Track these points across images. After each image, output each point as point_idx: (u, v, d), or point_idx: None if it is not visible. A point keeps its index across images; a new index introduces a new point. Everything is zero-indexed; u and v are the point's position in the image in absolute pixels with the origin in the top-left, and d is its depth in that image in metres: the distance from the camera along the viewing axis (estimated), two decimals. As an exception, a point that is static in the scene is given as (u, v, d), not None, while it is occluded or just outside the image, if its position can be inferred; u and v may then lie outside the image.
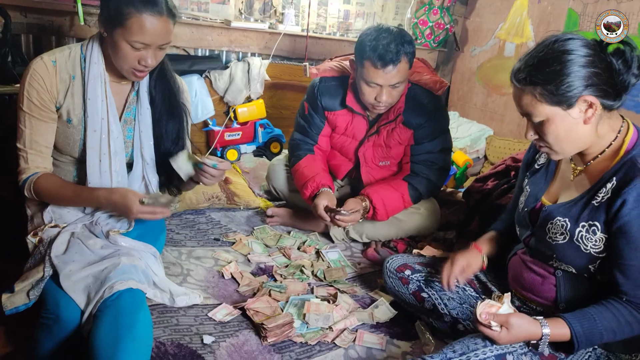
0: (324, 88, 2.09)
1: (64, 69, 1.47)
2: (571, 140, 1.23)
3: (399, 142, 2.07)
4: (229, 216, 2.27)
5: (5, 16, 2.04)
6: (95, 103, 1.48)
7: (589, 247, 1.23)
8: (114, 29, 1.39)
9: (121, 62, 1.44)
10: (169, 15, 1.42)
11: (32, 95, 1.43)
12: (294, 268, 1.86)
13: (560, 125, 1.21)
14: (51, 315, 1.27)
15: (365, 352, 1.48)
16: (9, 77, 2.04)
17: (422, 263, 1.64)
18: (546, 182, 1.41)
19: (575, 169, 1.33)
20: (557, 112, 1.19)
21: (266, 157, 2.99)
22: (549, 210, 1.32)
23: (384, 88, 1.87)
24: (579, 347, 1.19)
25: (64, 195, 1.49)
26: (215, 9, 2.90)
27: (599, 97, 1.17)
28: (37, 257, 1.42)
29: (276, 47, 3.00)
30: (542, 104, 1.20)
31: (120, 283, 1.29)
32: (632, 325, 1.18)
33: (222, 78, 2.89)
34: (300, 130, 2.20)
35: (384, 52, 1.79)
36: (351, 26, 3.42)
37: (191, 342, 1.40)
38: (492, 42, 3.50)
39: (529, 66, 1.20)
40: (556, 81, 1.16)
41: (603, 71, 1.16)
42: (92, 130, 1.49)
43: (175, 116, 1.64)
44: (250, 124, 3.00)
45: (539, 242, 1.35)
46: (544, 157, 1.46)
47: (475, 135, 3.44)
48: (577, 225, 1.25)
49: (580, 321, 1.19)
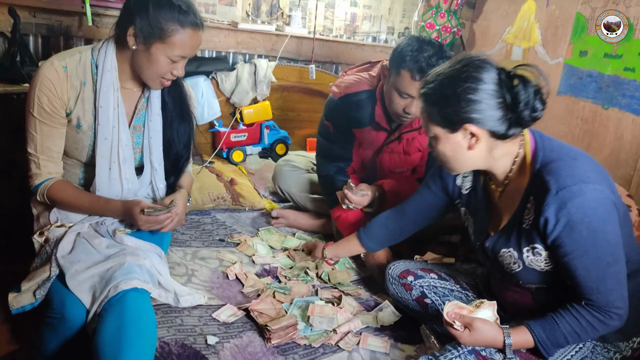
0: (348, 104, 2.01)
1: (75, 75, 1.46)
2: (458, 161, 1.26)
3: (419, 149, 2.06)
4: (234, 217, 2.27)
5: (14, 16, 2.05)
6: (107, 111, 1.47)
7: (544, 267, 1.24)
8: (152, 43, 1.39)
9: (153, 73, 1.45)
10: (202, 26, 1.45)
11: (43, 101, 1.42)
12: (299, 270, 1.86)
13: (446, 146, 1.24)
14: (57, 315, 1.28)
15: (369, 355, 1.47)
16: (18, 77, 2.05)
17: (424, 269, 1.63)
18: (485, 210, 1.40)
19: (496, 189, 1.33)
20: (442, 133, 1.23)
21: (272, 158, 2.99)
22: (491, 246, 1.33)
23: (415, 101, 1.80)
24: (546, 351, 1.22)
25: (80, 204, 1.50)
26: (223, 10, 2.90)
27: (486, 128, 1.18)
28: (44, 256, 1.43)
29: (283, 49, 3.00)
30: (431, 122, 1.24)
31: (125, 282, 1.29)
32: (595, 326, 1.20)
33: (228, 79, 2.89)
34: (330, 154, 2.10)
35: (425, 65, 1.74)
36: (358, 29, 3.42)
37: (195, 343, 1.40)
38: (499, 46, 3.49)
39: (430, 84, 1.23)
40: (445, 104, 1.19)
41: (499, 104, 1.17)
42: (103, 138, 1.48)
43: (186, 120, 1.65)
44: (256, 125, 3.00)
45: (501, 272, 1.36)
46: (469, 182, 1.46)
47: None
48: (522, 252, 1.25)
49: (543, 327, 1.23)
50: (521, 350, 1.26)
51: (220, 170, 2.66)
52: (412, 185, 2.04)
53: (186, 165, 1.73)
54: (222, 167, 2.75)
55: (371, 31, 3.46)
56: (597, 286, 1.17)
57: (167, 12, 1.37)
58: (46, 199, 1.48)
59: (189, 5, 1.42)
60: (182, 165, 1.70)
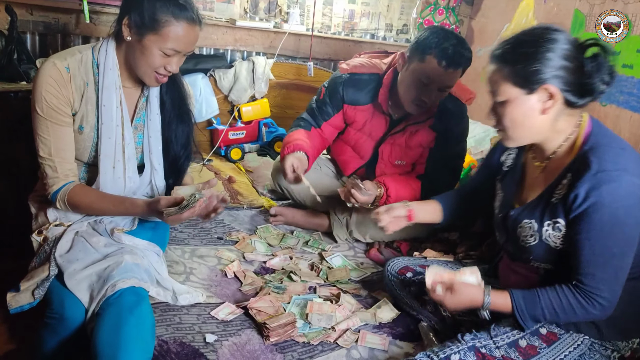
0: (351, 81, 2.09)
1: (78, 76, 1.44)
2: (526, 127, 1.25)
3: (420, 143, 2.09)
4: (233, 215, 2.27)
5: (11, 14, 2.04)
6: (110, 110, 1.46)
7: (558, 244, 1.26)
8: (145, 35, 1.38)
9: (146, 66, 1.43)
10: (199, 23, 1.43)
11: (51, 102, 1.39)
12: (282, 274, 1.83)
13: (518, 109, 1.23)
14: (56, 315, 1.28)
15: (368, 352, 1.47)
16: (15, 75, 2.04)
17: (423, 265, 1.63)
18: (516, 185, 1.42)
19: (539, 165, 1.34)
20: (518, 94, 1.22)
21: (270, 156, 2.98)
22: (515, 215, 1.35)
23: (434, 89, 1.88)
24: (522, 321, 1.26)
25: (104, 207, 1.46)
26: (221, 8, 2.90)
27: (562, 91, 1.19)
28: (42, 256, 1.43)
29: (281, 47, 2.99)
30: (506, 83, 1.22)
31: (122, 281, 1.29)
32: (575, 308, 1.22)
33: (226, 77, 2.89)
34: (309, 111, 2.20)
35: (453, 53, 1.81)
36: (356, 26, 3.41)
37: (194, 341, 1.40)
38: (497, 43, 3.49)
39: (507, 44, 1.23)
40: (525, 63, 1.19)
41: (575, 69, 1.18)
42: (107, 138, 1.47)
43: (185, 120, 1.64)
44: (254, 123, 3.00)
45: (515, 246, 1.37)
46: (511, 159, 1.47)
47: (480, 136, 3.42)
48: (542, 225, 1.27)
49: (524, 296, 1.27)
50: (520, 345, 1.27)
51: (219, 168, 2.66)
52: (412, 183, 2.05)
53: (186, 165, 1.72)
54: (220, 165, 2.75)
55: (369, 28, 3.46)
56: (594, 271, 1.19)
57: (162, 3, 1.36)
58: (67, 204, 1.43)
59: (187, 0, 1.40)
60: (181, 166, 1.68)
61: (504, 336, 1.30)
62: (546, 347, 1.28)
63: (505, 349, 1.27)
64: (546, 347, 1.28)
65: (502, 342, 1.28)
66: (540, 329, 1.32)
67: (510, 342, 1.28)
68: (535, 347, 1.28)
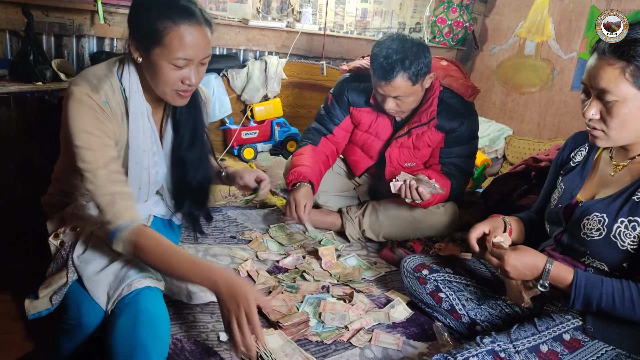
0: (353, 83, 2.13)
1: (116, 107, 1.35)
2: (633, 128, 1.20)
3: (429, 144, 2.08)
4: (246, 214, 2.27)
5: (27, 15, 2.07)
6: (138, 136, 1.40)
7: (627, 244, 1.22)
8: (151, 50, 1.27)
9: (163, 85, 1.32)
10: (206, 24, 1.31)
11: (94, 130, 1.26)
12: (295, 273, 1.83)
13: (632, 110, 1.17)
14: (73, 322, 1.27)
15: (382, 352, 1.47)
16: (31, 76, 2.07)
17: (440, 263, 1.62)
18: (582, 180, 1.39)
19: (617, 165, 1.31)
20: (636, 95, 1.15)
21: (282, 155, 2.99)
22: (586, 206, 1.30)
23: (388, 98, 1.91)
24: (575, 298, 1.22)
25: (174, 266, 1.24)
26: (233, 7, 2.90)
27: None
28: (60, 261, 1.41)
29: (293, 46, 3.00)
30: (626, 84, 1.15)
31: (138, 281, 1.29)
32: (635, 304, 1.18)
33: (239, 76, 2.90)
34: (318, 119, 2.23)
35: (381, 65, 1.84)
36: (369, 25, 3.40)
37: (207, 339, 1.40)
38: (512, 41, 3.45)
39: (633, 40, 1.14)
40: None
41: None
42: (134, 163, 1.43)
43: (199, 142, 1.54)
44: (267, 122, 3.00)
45: (572, 238, 1.33)
46: (580, 155, 1.44)
47: (494, 135, 3.39)
48: (615, 221, 1.23)
49: (587, 277, 1.23)
50: (541, 350, 1.24)
51: (232, 168, 2.67)
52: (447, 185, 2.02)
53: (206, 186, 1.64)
54: (233, 164, 2.76)
55: (382, 27, 3.44)
56: None
57: (158, 11, 1.25)
58: (132, 250, 1.26)
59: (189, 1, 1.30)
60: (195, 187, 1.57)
61: (524, 340, 1.26)
62: (568, 353, 1.25)
63: (526, 354, 1.23)
64: (568, 354, 1.24)
65: (522, 346, 1.24)
66: (563, 335, 1.28)
67: (531, 347, 1.25)
68: (557, 354, 1.24)
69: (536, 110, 3.33)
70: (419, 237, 2.12)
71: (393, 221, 2.09)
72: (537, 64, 3.26)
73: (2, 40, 2.22)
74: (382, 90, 1.90)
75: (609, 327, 1.26)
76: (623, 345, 1.25)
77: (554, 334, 1.27)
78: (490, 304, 1.51)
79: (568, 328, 1.28)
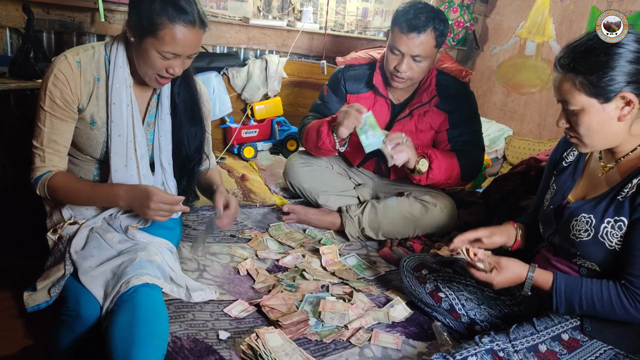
0: (349, 73, 2.17)
1: (89, 70, 1.45)
2: (602, 134, 1.22)
3: (431, 126, 2.10)
4: (245, 213, 2.27)
5: (28, 13, 2.07)
6: (120, 108, 1.46)
7: (614, 244, 1.22)
8: (144, 37, 1.36)
9: (146, 68, 1.42)
10: (200, 25, 1.39)
11: (55, 95, 1.41)
12: (294, 272, 1.83)
13: (594, 118, 1.19)
14: (72, 313, 1.28)
15: (381, 351, 1.47)
16: (31, 73, 2.07)
17: (439, 263, 1.62)
18: (573, 180, 1.39)
19: (604, 166, 1.31)
20: (593, 104, 1.18)
21: (282, 154, 2.99)
22: (574, 207, 1.31)
23: (405, 57, 1.93)
24: (557, 302, 1.25)
25: (82, 192, 1.45)
26: (234, 6, 2.90)
27: (638, 96, 1.15)
28: (57, 255, 1.43)
29: (294, 45, 3.00)
30: (580, 93, 1.18)
31: (136, 278, 1.29)
32: (614, 304, 1.20)
33: (239, 75, 2.90)
34: (315, 108, 2.26)
35: (412, 17, 1.88)
36: (369, 24, 3.40)
37: (207, 338, 1.40)
38: (512, 41, 3.45)
39: (576, 53, 1.18)
40: (599, 72, 1.14)
41: None
42: (117, 135, 1.47)
43: (197, 123, 1.63)
44: (267, 121, 3.00)
45: (563, 239, 1.33)
46: (572, 155, 1.44)
47: (494, 135, 3.39)
48: (602, 222, 1.24)
49: (566, 280, 1.25)
50: (539, 350, 1.25)
51: (232, 166, 2.67)
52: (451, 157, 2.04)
53: (197, 168, 1.72)
54: (233, 163, 2.76)
55: (383, 26, 3.44)
56: None
57: (160, 6, 1.33)
58: (46, 191, 1.44)
59: (188, 1, 1.37)
60: (193, 168, 1.68)
61: (523, 340, 1.27)
62: (567, 353, 1.25)
63: (524, 354, 1.24)
64: (567, 354, 1.25)
65: (521, 346, 1.25)
66: (562, 335, 1.28)
67: (530, 347, 1.26)
68: (555, 353, 1.25)
69: (536, 110, 3.33)
70: (418, 235, 2.12)
71: (392, 219, 2.09)
72: (537, 65, 3.26)
73: (3, 38, 2.22)
74: (405, 46, 1.90)
75: (606, 327, 1.26)
76: (621, 345, 1.25)
77: (553, 333, 1.28)
78: (489, 304, 1.51)
79: (566, 328, 1.29)
